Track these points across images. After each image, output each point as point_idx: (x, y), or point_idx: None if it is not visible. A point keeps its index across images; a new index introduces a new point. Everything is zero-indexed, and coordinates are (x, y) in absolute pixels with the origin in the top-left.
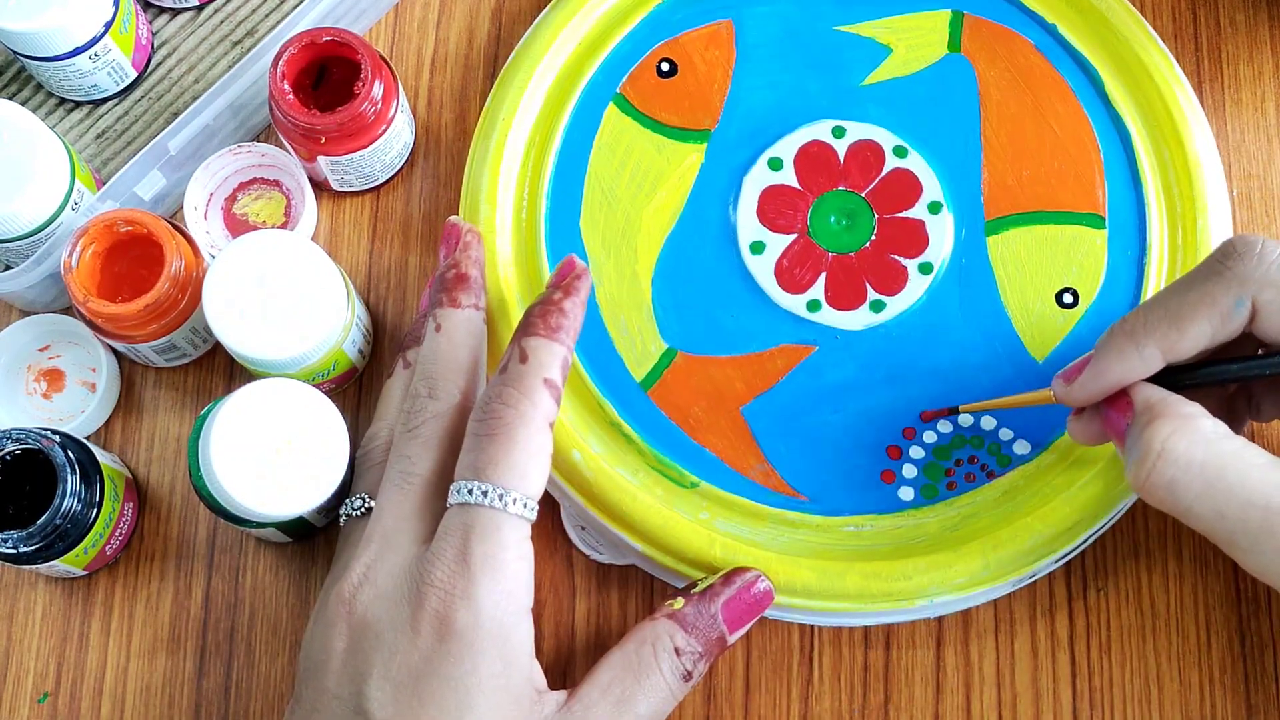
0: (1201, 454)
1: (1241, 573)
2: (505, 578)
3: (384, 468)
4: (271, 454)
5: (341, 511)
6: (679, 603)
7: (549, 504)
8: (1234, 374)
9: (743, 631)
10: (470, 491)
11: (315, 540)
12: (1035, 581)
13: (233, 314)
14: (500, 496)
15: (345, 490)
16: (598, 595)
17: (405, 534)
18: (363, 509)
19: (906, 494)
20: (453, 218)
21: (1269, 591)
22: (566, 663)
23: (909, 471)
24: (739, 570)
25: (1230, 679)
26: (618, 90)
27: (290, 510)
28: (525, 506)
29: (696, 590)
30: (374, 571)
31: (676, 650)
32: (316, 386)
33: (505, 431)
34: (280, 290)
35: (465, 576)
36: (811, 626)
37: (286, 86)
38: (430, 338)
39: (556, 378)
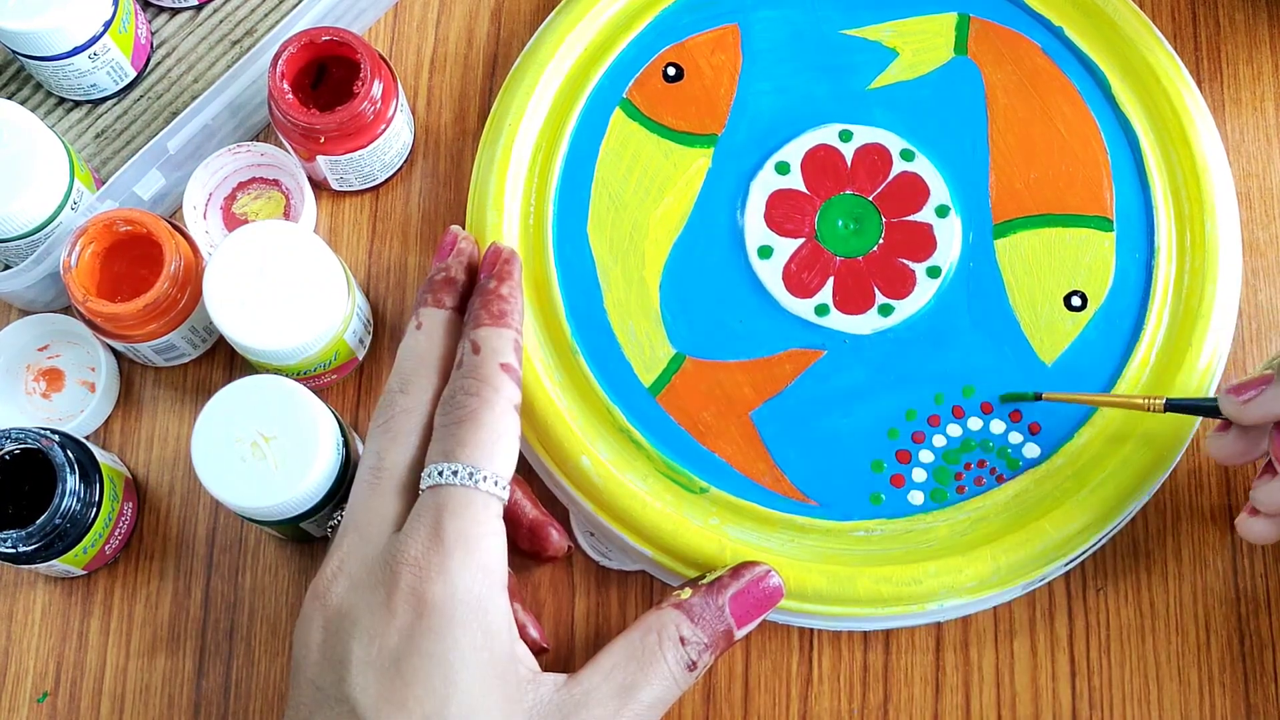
0: None
1: (1241, 573)
2: (479, 552)
3: None
4: (249, 448)
5: (330, 522)
6: (686, 593)
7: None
8: None
9: (751, 627)
10: (441, 473)
11: (315, 540)
12: None
13: (234, 305)
14: (471, 474)
15: (341, 494)
16: (597, 595)
17: (377, 525)
18: None
19: (916, 498)
20: (453, 226)
21: (1269, 591)
22: (566, 663)
23: (919, 475)
24: (748, 564)
25: (1230, 679)
26: (624, 95)
27: (274, 500)
28: (496, 484)
29: (704, 582)
30: (347, 563)
31: (682, 639)
32: (318, 377)
33: (471, 417)
34: (281, 281)
35: (439, 552)
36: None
37: (286, 86)
38: (410, 334)
39: (512, 361)
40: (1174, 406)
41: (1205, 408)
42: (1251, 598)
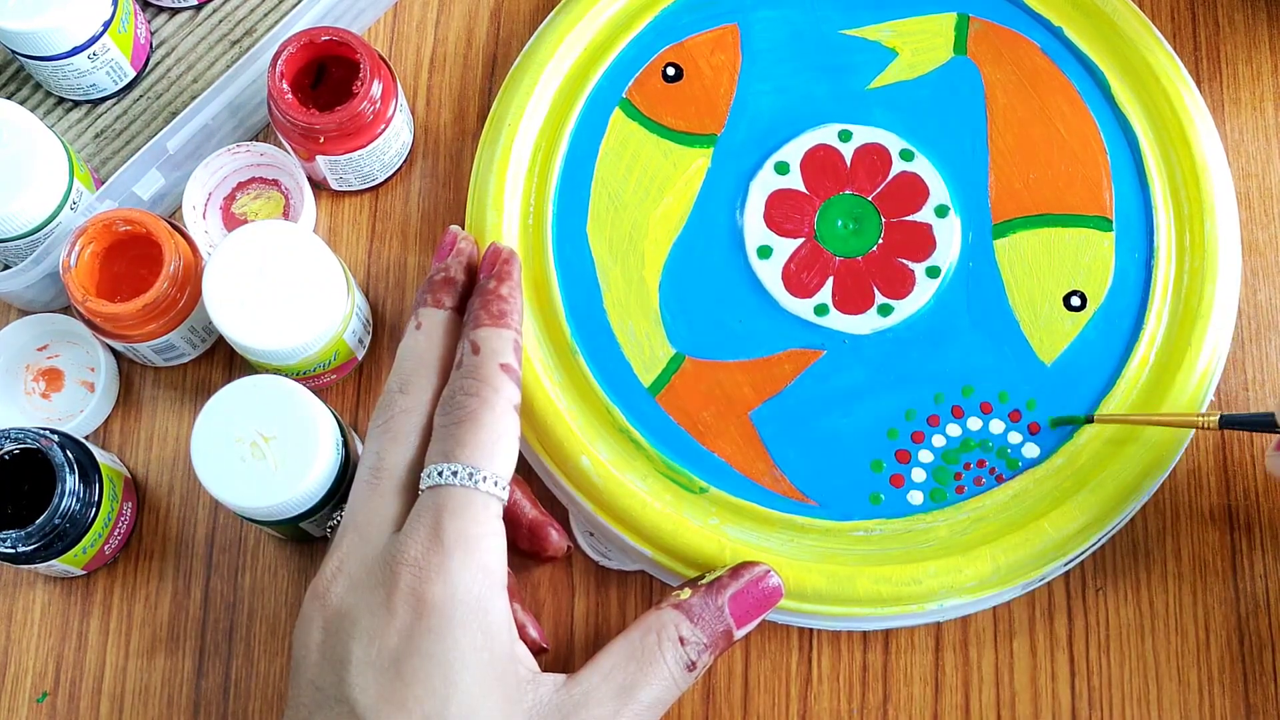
0: None
1: (1241, 573)
2: (479, 552)
3: None
4: (248, 448)
5: (330, 522)
6: (686, 593)
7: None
8: None
9: (751, 627)
10: (440, 473)
11: (315, 541)
12: None
13: (233, 305)
14: (470, 475)
15: (341, 494)
16: (597, 595)
17: (376, 525)
18: None
19: (916, 498)
20: (453, 226)
21: (1269, 591)
22: (565, 663)
23: (918, 476)
24: (748, 564)
25: (1229, 679)
26: (624, 95)
27: (274, 500)
28: (496, 485)
29: (704, 582)
30: (347, 563)
31: (681, 640)
32: (318, 377)
33: (470, 417)
34: (280, 280)
35: (439, 552)
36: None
37: (285, 86)
38: (410, 335)
39: (511, 361)
40: (1230, 423)
41: (1262, 423)
42: (1251, 598)
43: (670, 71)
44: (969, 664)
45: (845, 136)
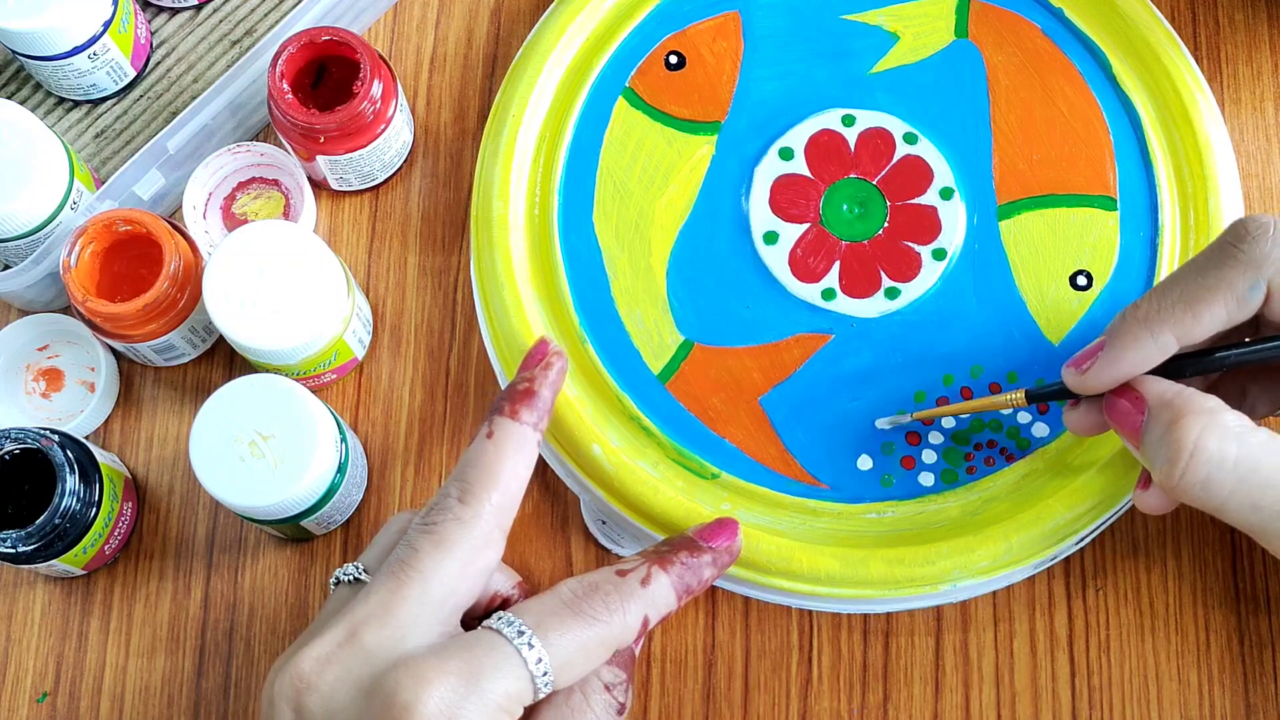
0: (1234, 450)
1: (1241, 572)
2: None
3: (388, 550)
4: (247, 447)
5: (332, 578)
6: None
7: (556, 501)
8: (1246, 358)
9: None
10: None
11: (315, 540)
12: (1034, 579)
13: (233, 305)
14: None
15: (339, 494)
16: None
17: (378, 634)
18: (353, 578)
19: (927, 479)
20: (549, 338)
21: (1269, 591)
22: None
23: (929, 457)
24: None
25: (1229, 678)
26: (627, 84)
27: (273, 499)
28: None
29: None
30: (334, 664)
31: (606, 687)
32: (318, 377)
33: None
34: (281, 280)
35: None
36: (811, 625)
37: (285, 86)
38: (479, 442)
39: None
40: (1033, 396)
41: (1060, 391)
42: (1251, 597)
43: (673, 60)
44: (969, 664)
45: (849, 121)
